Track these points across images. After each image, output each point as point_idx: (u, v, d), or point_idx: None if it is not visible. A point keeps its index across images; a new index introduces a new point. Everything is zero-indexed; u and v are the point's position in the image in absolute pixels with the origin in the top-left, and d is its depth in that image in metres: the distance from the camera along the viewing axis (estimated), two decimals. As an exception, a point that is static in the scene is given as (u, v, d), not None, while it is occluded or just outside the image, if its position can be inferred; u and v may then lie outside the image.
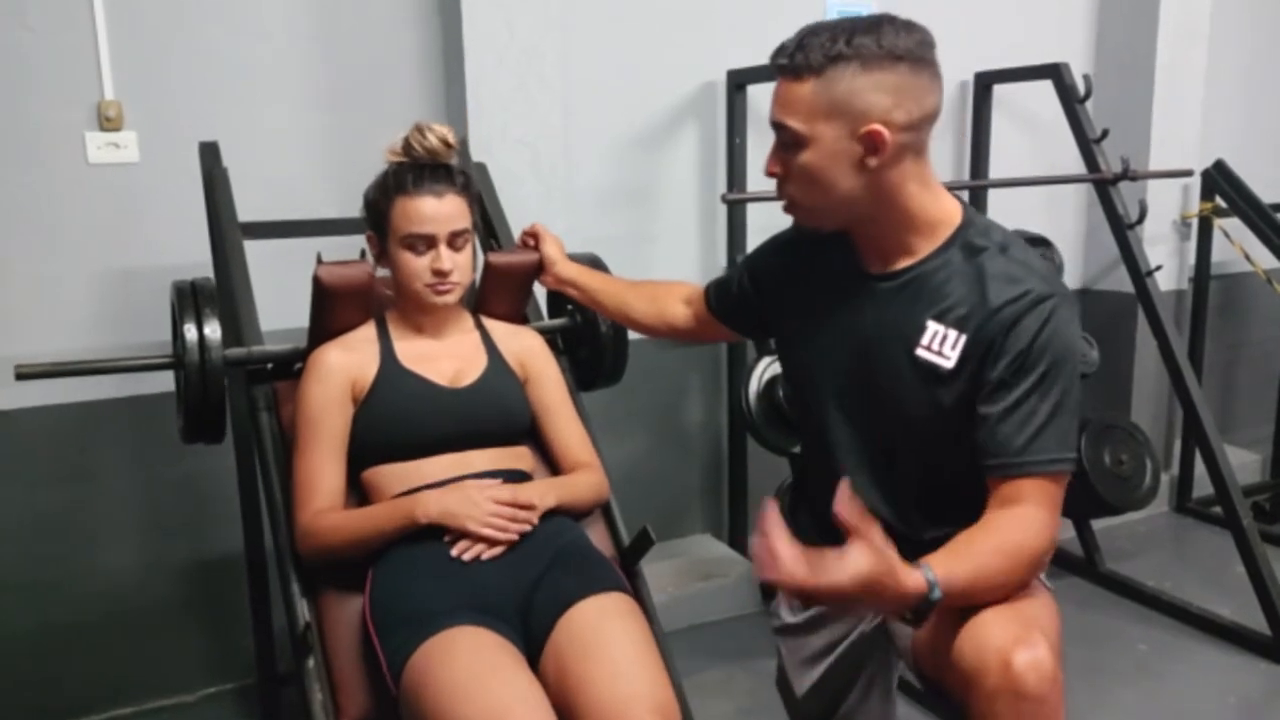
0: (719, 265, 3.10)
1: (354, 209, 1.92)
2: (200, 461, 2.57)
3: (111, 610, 2.55)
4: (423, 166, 1.59)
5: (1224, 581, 3.11)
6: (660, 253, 3.02)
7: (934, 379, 1.27)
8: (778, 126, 1.28)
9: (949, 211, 1.32)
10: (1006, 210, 3.43)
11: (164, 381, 2.51)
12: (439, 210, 1.57)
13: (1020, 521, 1.21)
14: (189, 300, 1.58)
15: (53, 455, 2.46)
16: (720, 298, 1.66)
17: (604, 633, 1.40)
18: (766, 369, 2.89)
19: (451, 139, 1.62)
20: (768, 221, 3.09)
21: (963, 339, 1.25)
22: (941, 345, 1.26)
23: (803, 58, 1.22)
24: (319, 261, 1.60)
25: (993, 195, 3.46)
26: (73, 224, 2.39)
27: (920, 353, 1.27)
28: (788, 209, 1.36)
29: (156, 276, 2.49)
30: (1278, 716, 2.57)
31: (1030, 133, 3.56)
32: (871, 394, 1.34)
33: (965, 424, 1.26)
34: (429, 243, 1.58)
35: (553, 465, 1.73)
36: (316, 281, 1.59)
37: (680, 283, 1.81)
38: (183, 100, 2.44)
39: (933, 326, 1.28)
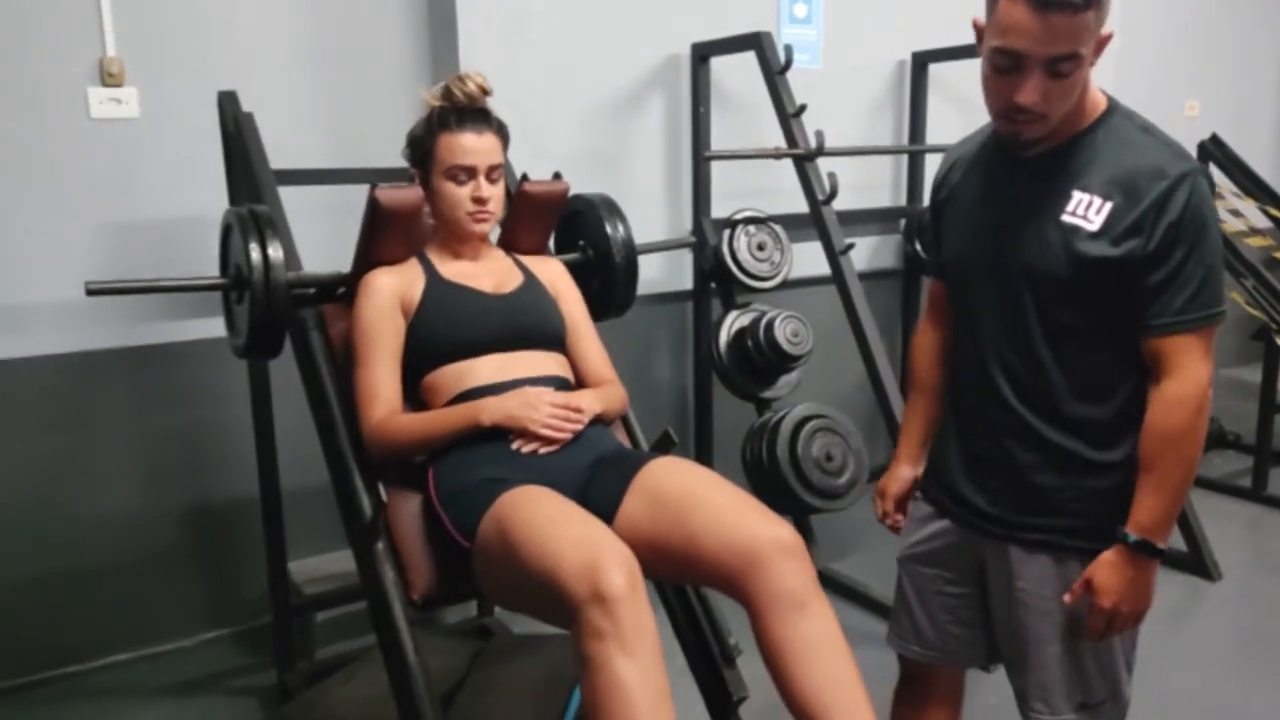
0: (685, 224, 3.31)
1: (345, 163, 1.98)
2: (197, 411, 2.66)
3: (110, 557, 2.62)
4: (463, 109, 1.77)
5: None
6: (630, 212, 3.17)
7: (1076, 237, 1.42)
8: (1059, 58, 1.34)
9: (1099, 98, 1.49)
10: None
11: (160, 333, 2.61)
12: (479, 145, 1.76)
13: (1176, 400, 1.41)
14: (250, 224, 1.70)
15: (52, 404, 2.52)
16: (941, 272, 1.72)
17: (696, 481, 1.54)
18: (735, 320, 3.10)
19: (488, 86, 1.81)
20: (731, 185, 3.31)
21: (1108, 205, 1.41)
22: (1087, 210, 1.42)
23: None
24: (372, 189, 1.73)
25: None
26: (74, 178, 2.46)
27: (1065, 218, 1.43)
28: (1024, 128, 1.41)
29: (156, 230, 2.57)
30: (1194, 620, 2.92)
31: (964, 108, 3.85)
32: (1016, 260, 1.47)
33: (1100, 279, 1.42)
34: (470, 173, 1.76)
35: (578, 379, 1.89)
36: (373, 203, 1.72)
37: (921, 340, 1.77)
38: (183, 57, 2.53)
39: (1077, 195, 1.43)
